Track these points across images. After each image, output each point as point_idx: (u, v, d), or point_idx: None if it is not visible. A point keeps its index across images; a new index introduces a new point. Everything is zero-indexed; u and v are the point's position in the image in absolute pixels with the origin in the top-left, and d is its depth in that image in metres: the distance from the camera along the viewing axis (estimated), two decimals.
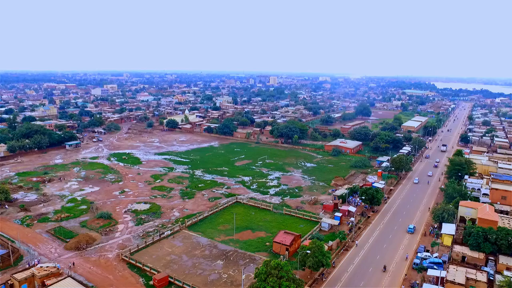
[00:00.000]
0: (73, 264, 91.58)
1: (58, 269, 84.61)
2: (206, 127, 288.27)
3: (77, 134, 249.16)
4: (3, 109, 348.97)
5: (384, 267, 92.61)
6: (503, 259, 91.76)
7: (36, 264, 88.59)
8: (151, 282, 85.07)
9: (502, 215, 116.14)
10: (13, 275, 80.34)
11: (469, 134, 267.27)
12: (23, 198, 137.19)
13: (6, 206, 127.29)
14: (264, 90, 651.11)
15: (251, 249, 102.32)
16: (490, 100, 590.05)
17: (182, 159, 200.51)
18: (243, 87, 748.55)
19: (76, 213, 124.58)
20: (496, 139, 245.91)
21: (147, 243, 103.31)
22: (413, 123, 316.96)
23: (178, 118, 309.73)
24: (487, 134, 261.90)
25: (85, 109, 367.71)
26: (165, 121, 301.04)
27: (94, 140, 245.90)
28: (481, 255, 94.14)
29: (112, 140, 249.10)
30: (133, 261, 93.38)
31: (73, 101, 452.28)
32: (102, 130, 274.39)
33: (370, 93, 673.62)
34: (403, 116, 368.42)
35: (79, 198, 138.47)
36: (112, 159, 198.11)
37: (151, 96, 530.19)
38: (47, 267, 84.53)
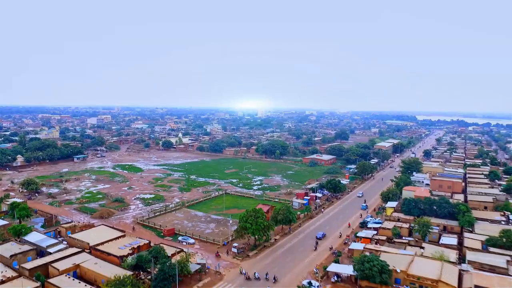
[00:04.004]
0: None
1: (92, 224, 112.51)
2: (198, 146, 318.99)
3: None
4: (8, 133, 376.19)
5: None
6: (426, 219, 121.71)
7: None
8: (161, 234, 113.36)
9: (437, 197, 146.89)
10: (61, 225, 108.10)
11: (432, 151, 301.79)
12: (47, 191, 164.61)
13: (36, 195, 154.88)
14: (252, 121, 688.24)
15: (237, 218, 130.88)
16: (463, 128, 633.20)
17: (178, 168, 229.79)
18: (232, 119, 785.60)
19: (94, 199, 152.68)
20: (454, 154, 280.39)
21: (155, 214, 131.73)
22: (385, 143, 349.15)
23: (172, 140, 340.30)
24: (447, 151, 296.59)
25: (85, 133, 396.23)
26: (161, 141, 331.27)
27: (98, 156, 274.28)
28: (411, 217, 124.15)
29: (114, 156, 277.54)
30: (146, 223, 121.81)
31: (71, 127, 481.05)
32: (104, 149, 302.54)
33: (353, 124, 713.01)
34: (378, 140, 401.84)
35: (94, 191, 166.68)
36: (116, 168, 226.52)
37: (145, 124, 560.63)
38: (83, 222, 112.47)
